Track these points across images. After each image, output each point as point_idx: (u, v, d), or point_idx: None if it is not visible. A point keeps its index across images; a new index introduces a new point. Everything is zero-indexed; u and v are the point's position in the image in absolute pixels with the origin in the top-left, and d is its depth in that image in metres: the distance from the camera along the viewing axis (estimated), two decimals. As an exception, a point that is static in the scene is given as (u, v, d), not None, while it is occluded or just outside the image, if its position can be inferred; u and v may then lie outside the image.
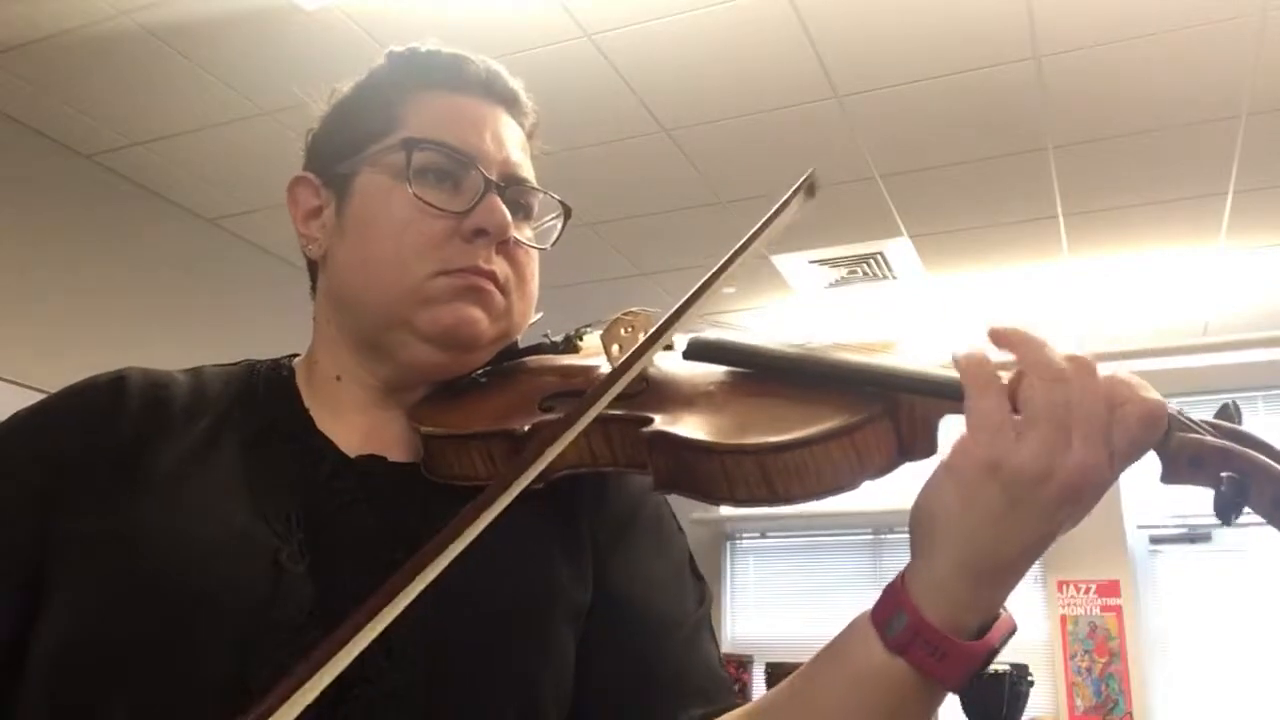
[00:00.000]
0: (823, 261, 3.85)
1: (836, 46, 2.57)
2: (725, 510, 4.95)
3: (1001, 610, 0.60)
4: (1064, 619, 4.24)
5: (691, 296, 0.63)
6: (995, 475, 0.55)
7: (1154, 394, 0.55)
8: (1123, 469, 0.56)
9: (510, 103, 0.83)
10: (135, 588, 0.65)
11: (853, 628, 0.62)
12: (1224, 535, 4.23)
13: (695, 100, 2.81)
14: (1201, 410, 0.58)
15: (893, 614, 0.59)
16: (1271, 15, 2.39)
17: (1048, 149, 3.02)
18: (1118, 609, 4.19)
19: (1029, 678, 3.55)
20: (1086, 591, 4.24)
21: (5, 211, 2.92)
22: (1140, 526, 4.34)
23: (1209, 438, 0.55)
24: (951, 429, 0.59)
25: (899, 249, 3.71)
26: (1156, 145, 2.97)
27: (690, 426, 0.64)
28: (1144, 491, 4.36)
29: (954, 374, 0.58)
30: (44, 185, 3.06)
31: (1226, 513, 0.54)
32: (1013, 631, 0.60)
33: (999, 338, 0.58)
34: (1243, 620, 4.05)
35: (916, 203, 3.37)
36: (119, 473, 0.70)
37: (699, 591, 0.81)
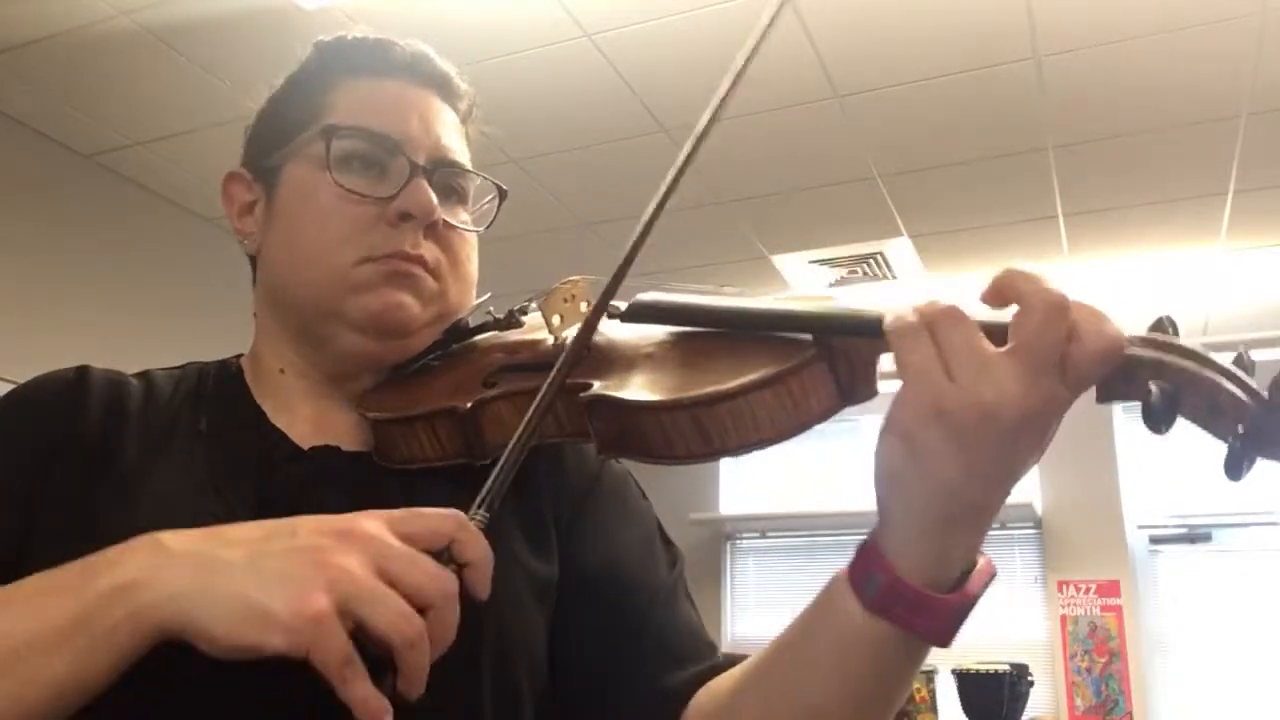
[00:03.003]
0: (823, 261, 3.85)
1: (836, 46, 2.57)
2: (725, 510, 4.95)
3: (980, 556, 0.59)
4: (1064, 619, 4.24)
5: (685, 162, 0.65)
6: (936, 420, 0.54)
7: (1112, 327, 0.54)
8: (1076, 396, 0.55)
9: (440, 85, 0.82)
10: None
11: (831, 589, 0.61)
12: (1224, 535, 4.23)
13: (695, 100, 2.80)
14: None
15: (868, 575, 0.58)
16: (1271, 15, 2.39)
17: (1048, 149, 3.02)
18: (1118, 609, 4.19)
19: (1029, 678, 3.55)
20: (1086, 591, 4.24)
21: (5, 211, 2.92)
22: (1140, 526, 4.34)
23: (1142, 352, 0.54)
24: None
25: (899, 249, 3.71)
26: (1156, 145, 2.97)
27: (626, 388, 0.64)
28: (1144, 491, 4.37)
29: (885, 312, 0.59)
30: (44, 185, 3.06)
31: (1157, 423, 0.52)
32: (992, 577, 0.59)
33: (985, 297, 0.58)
34: (1243, 620, 4.05)
35: (916, 203, 3.37)
36: (87, 462, 0.71)
37: (671, 556, 0.81)
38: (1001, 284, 0.56)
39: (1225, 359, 0.53)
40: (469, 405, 0.70)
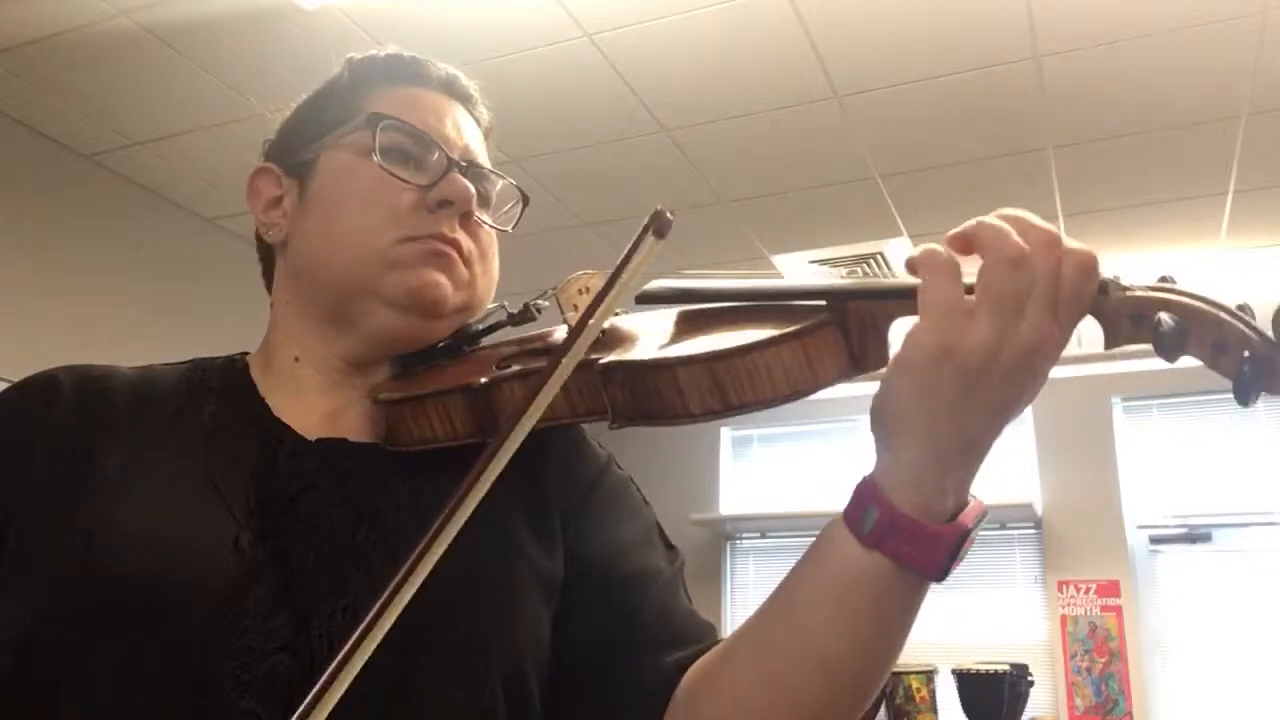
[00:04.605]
0: (823, 261, 3.85)
1: (836, 46, 2.57)
2: (725, 510, 4.95)
3: (971, 496, 0.61)
4: (1064, 619, 4.24)
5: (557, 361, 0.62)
6: (948, 359, 0.56)
7: (1078, 243, 0.57)
8: (1071, 327, 0.57)
9: (468, 101, 0.86)
10: (91, 582, 0.64)
11: (827, 531, 0.63)
12: (1224, 535, 4.23)
13: (695, 100, 2.81)
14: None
15: (864, 510, 0.60)
16: (1272, 15, 2.39)
17: (1048, 149, 3.02)
18: (1118, 609, 4.19)
19: (1029, 678, 3.55)
20: (1086, 591, 4.24)
21: (5, 211, 2.92)
22: (1140, 526, 4.34)
23: (1148, 293, 0.57)
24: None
25: (899, 249, 3.71)
26: (1156, 145, 2.97)
27: (640, 352, 0.66)
28: (1144, 491, 4.37)
29: (900, 281, 0.60)
30: (44, 185, 3.05)
31: (1168, 351, 0.55)
32: (984, 514, 0.61)
33: (956, 241, 0.59)
34: (1243, 620, 4.05)
35: (916, 203, 3.37)
36: (64, 470, 0.70)
37: (671, 556, 0.82)
38: (970, 237, 0.58)
39: None
40: (483, 381, 0.71)
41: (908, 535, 0.58)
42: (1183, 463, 4.27)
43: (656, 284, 0.72)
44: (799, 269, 3.89)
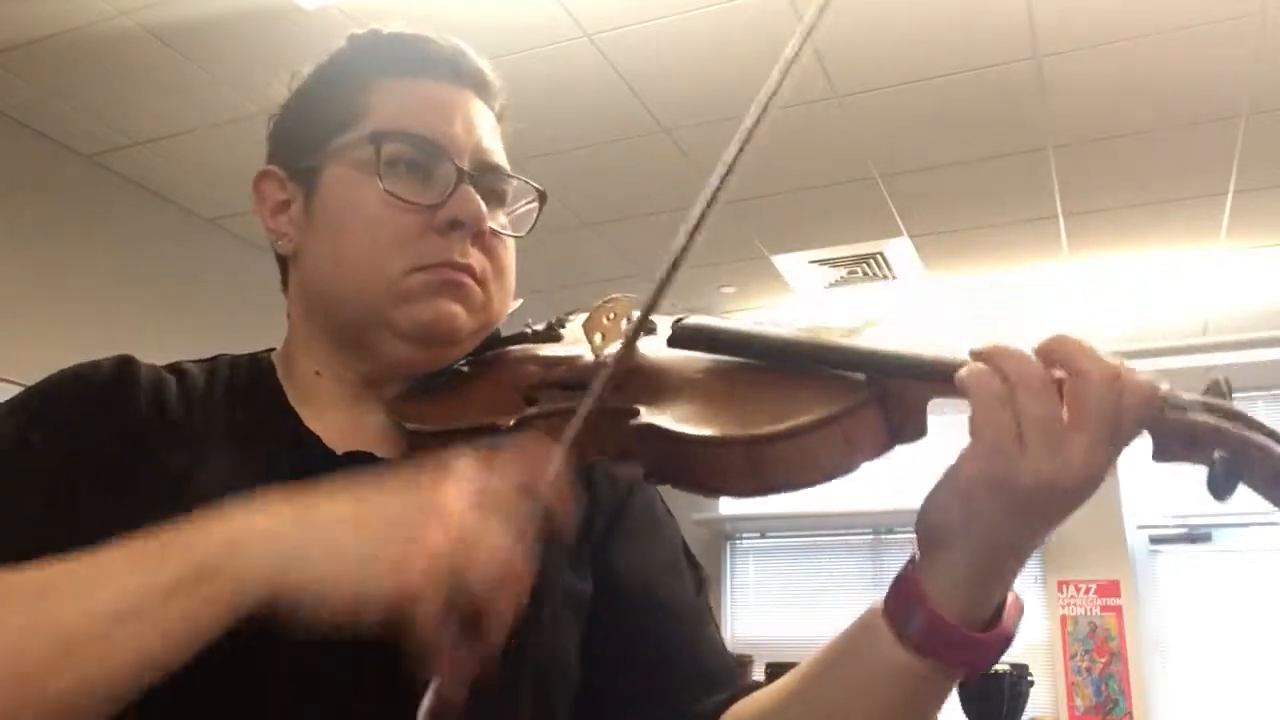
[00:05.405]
0: (823, 261, 3.85)
1: (836, 46, 2.57)
2: (725, 510, 4.95)
3: (1010, 593, 0.61)
4: (1064, 619, 4.24)
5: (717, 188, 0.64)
6: (999, 490, 0.55)
7: (1142, 376, 0.55)
8: (1121, 452, 0.56)
9: (479, 85, 0.82)
10: None
11: (866, 625, 0.62)
12: (1224, 535, 4.23)
13: (695, 100, 2.81)
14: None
15: (908, 613, 0.59)
16: (1271, 15, 2.39)
17: (1048, 149, 3.02)
18: (1118, 609, 4.19)
19: (1029, 678, 3.54)
20: (1086, 591, 4.24)
21: (5, 211, 2.92)
22: (1140, 526, 4.34)
23: (1201, 417, 0.55)
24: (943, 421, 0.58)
25: (899, 249, 3.71)
26: (1156, 145, 2.97)
27: (677, 418, 0.62)
28: (1144, 491, 4.37)
29: (943, 356, 0.58)
30: (44, 185, 3.06)
31: (1220, 491, 0.53)
32: (1022, 611, 0.61)
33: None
34: (1243, 620, 4.05)
35: (916, 203, 3.37)
36: (126, 458, 0.69)
37: (697, 578, 0.81)
38: (1053, 352, 0.56)
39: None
40: (511, 424, 0.68)
41: (953, 643, 0.58)
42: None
43: (694, 320, 0.69)
44: (799, 269, 3.89)
